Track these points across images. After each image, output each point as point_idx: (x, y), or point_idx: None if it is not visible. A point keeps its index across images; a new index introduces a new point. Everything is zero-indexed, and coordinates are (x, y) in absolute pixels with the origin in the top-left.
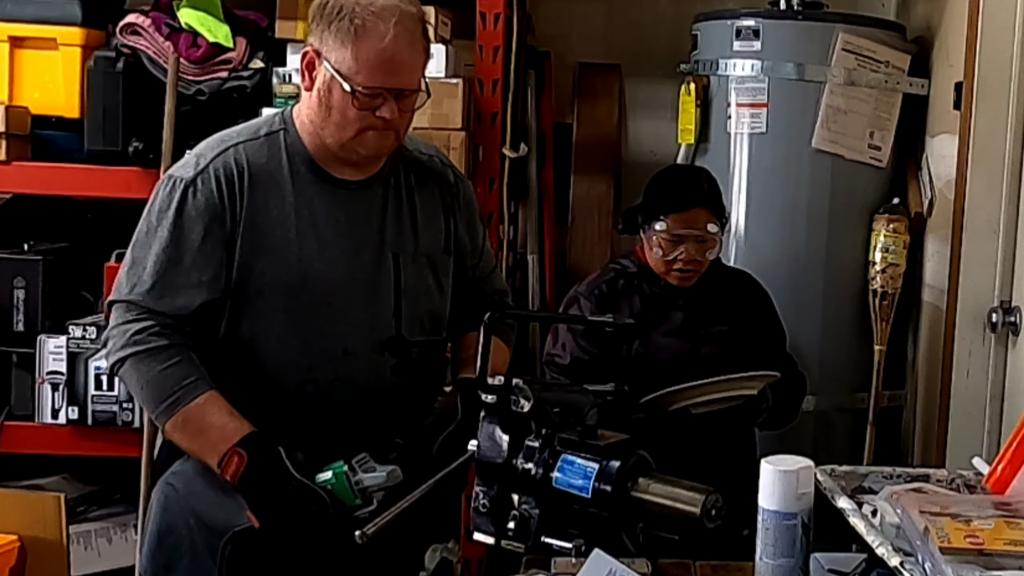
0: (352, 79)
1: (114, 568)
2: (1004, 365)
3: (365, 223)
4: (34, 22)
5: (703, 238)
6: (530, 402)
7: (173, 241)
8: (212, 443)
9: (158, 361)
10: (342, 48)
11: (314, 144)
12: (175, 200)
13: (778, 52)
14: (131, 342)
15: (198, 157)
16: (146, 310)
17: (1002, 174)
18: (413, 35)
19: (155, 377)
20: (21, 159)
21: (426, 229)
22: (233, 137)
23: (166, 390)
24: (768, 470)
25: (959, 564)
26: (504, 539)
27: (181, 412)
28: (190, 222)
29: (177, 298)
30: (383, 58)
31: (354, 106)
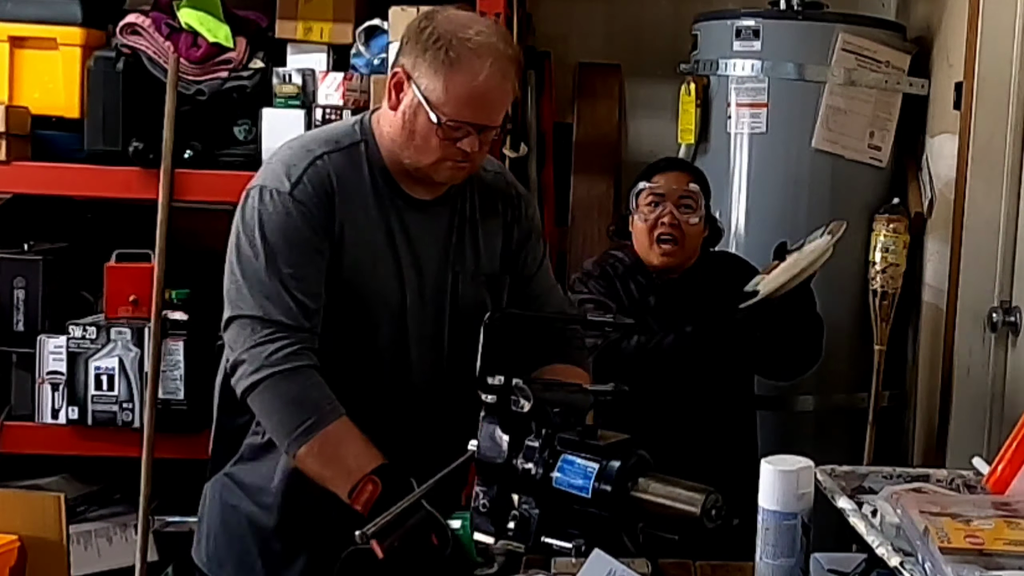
0: (439, 109)
1: (114, 568)
2: (1004, 365)
3: (431, 242)
4: (34, 22)
5: (685, 200)
6: (530, 402)
7: (291, 253)
8: (347, 470)
9: (295, 383)
10: (434, 77)
11: (391, 160)
12: (281, 212)
13: (778, 52)
14: (267, 363)
15: (288, 167)
16: (279, 325)
17: (1002, 174)
18: (506, 76)
19: (291, 401)
20: (21, 159)
21: (487, 249)
22: (319, 146)
23: (302, 415)
24: (768, 470)
25: (959, 564)
26: (504, 539)
27: (317, 437)
28: (301, 233)
29: (303, 311)
30: (473, 94)
31: (437, 135)
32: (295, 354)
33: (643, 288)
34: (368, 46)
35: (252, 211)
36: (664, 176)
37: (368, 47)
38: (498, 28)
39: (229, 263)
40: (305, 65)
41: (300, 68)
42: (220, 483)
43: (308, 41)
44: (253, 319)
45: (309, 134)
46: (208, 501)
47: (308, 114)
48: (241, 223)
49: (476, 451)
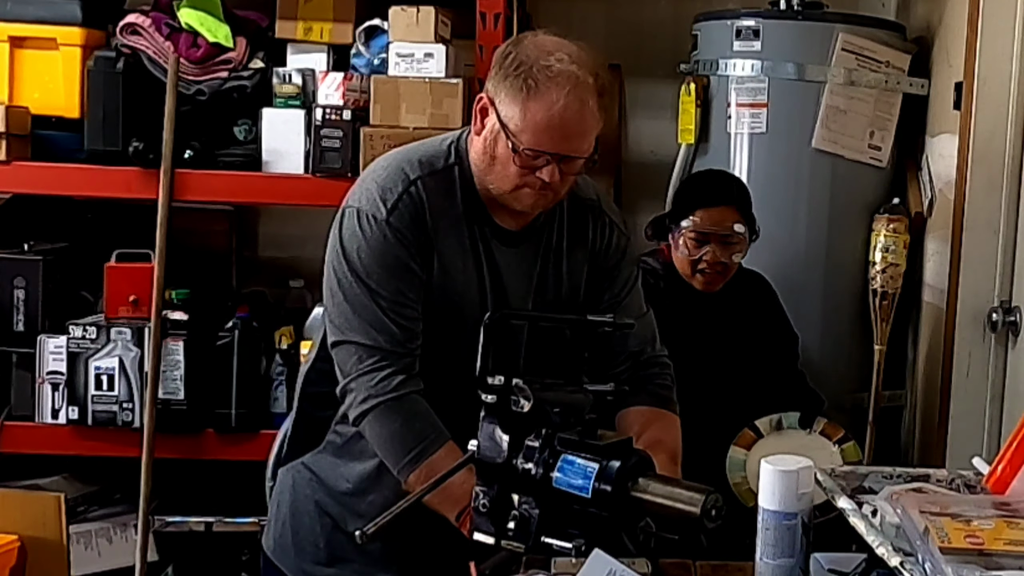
0: (517, 137)
1: (114, 568)
2: (1004, 365)
3: (517, 274)
4: (34, 22)
5: (730, 239)
6: (530, 402)
7: (393, 279)
8: (456, 497)
9: (402, 412)
10: (512, 104)
11: (480, 185)
12: (379, 238)
13: (778, 52)
14: (378, 391)
15: (383, 191)
16: (385, 352)
17: (1002, 174)
18: (585, 104)
19: (400, 428)
20: (21, 159)
21: (570, 280)
22: (414, 168)
23: (410, 443)
24: (768, 470)
25: (959, 564)
26: (504, 539)
27: (425, 465)
28: (400, 259)
29: (406, 336)
30: (551, 124)
31: (515, 163)
32: (402, 383)
33: (678, 300)
34: (368, 46)
35: (351, 235)
36: (709, 214)
37: (368, 47)
38: (583, 54)
39: (329, 286)
40: (305, 65)
41: (300, 68)
42: (295, 471)
43: (308, 41)
44: (359, 346)
45: (404, 152)
46: (281, 487)
47: (308, 114)
48: (340, 247)
49: (476, 451)
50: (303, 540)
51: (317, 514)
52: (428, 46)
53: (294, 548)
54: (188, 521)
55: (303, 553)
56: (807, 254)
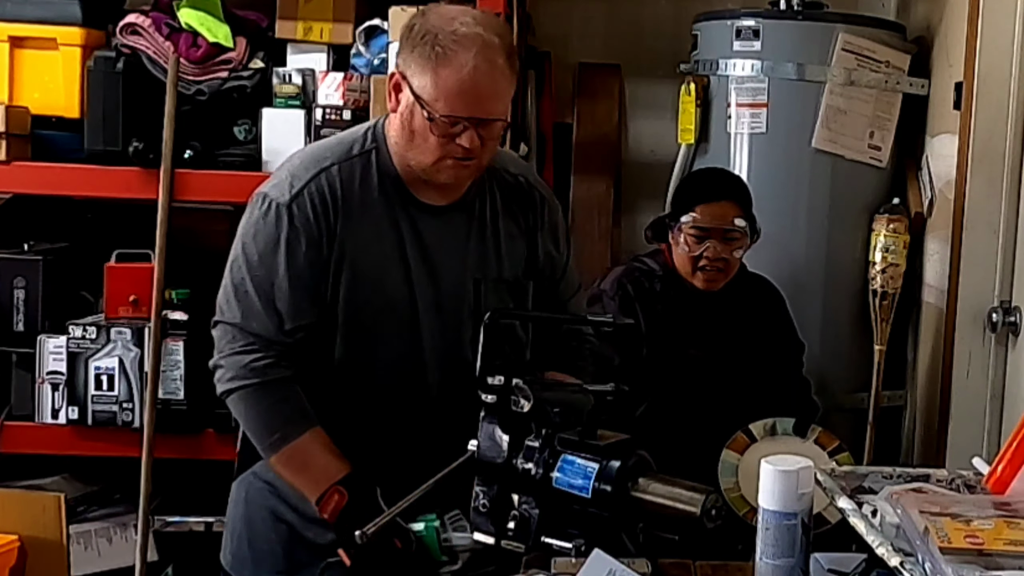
0: (432, 106)
1: (114, 568)
2: (1004, 365)
3: (449, 248)
4: (34, 22)
5: (730, 234)
6: (530, 402)
7: (275, 266)
8: (315, 480)
9: (269, 396)
10: (423, 74)
11: (401, 165)
12: (271, 224)
13: (778, 52)
14: (242, 375)
15: (292, 178)
16: (257, 337)
17: (1002, 174)
18: (495, 65)
19: (264, 412)
20: (21, 159)
21: (509, 255)
22: (327, 157)
23: (274, 426)
24: (768, 470)
25: (959, 564)
26: (504, 539)
27: (287, 449)
28: (289, 247)
29: (286, 325)
30: (463, 88)
31: (433, 133)
32: (269, 367)
33: (678, 302)
34: (368, 46)
35: (250, 219)
36: (709, 209)
37: (368, 47)
38: (487, 17)
39: (227, 265)
40: (305, 65)
41: (300, 68)
42: (247, 482)
43: (308, 41)
44: (232, 327)
45: (324, 142)
46: (234, 501)
47: (308, 114)
48: (241, 229)
49: (476, 451)
50: (261, 551)
51: (272, 522)
52: None
53: (252, 560)
54: (188, 521)
55: (262, 564)
56: (807, 254)
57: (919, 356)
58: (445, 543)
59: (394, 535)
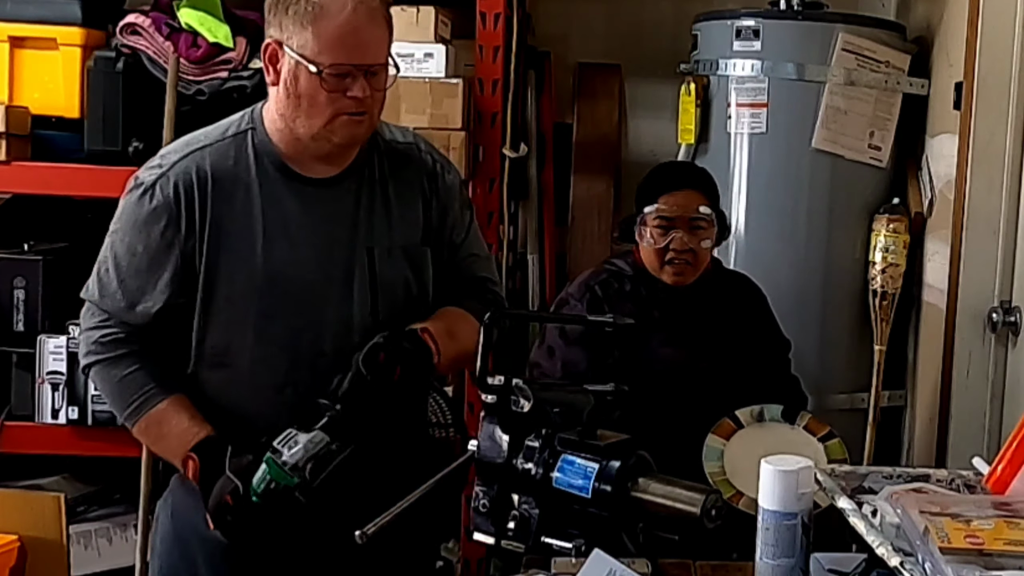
0: (316, 60)
1: (114, 568)
2: (1004, 365)
3: (337, 220)
4: (34, 22)
5: (697, 223)
6: (530, 402)
7: (132, 245)
8: (172, 449)
9: (119, 369)
10: (302, 31)
11: (284, 141)
12: (133, 204)
13: (778, 52)
14: (93, 350)
15: (161, 159)
16: (108, 315)
17: (1002, 174)
18: (372, 9)
19: (116, 385)
20: (21, 159)
21: (401, 221)
22: (200, 140)
23: (127, 398)
24: (768, 470)
25: (959, 564)
26: (504, 539)
27: (144, 419)
28: (147, 227)
29: (137, 304)
30: (344, 33)
31: (324, 88)
32: (119, 341)
33: (647, 301)
34: None
35: (122, 200)
36: (673, 198)
37: None
38: None
39: None
40: None
41: None
42: (167, 502)
43: None
44: (92, 304)
45: (200, 130)
46: (157, 524)
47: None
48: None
49: (476, 451)
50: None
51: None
52: (428, 46)
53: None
54: None
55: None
56: (807, 254)
57: (919, 356)
58: (285, 467)
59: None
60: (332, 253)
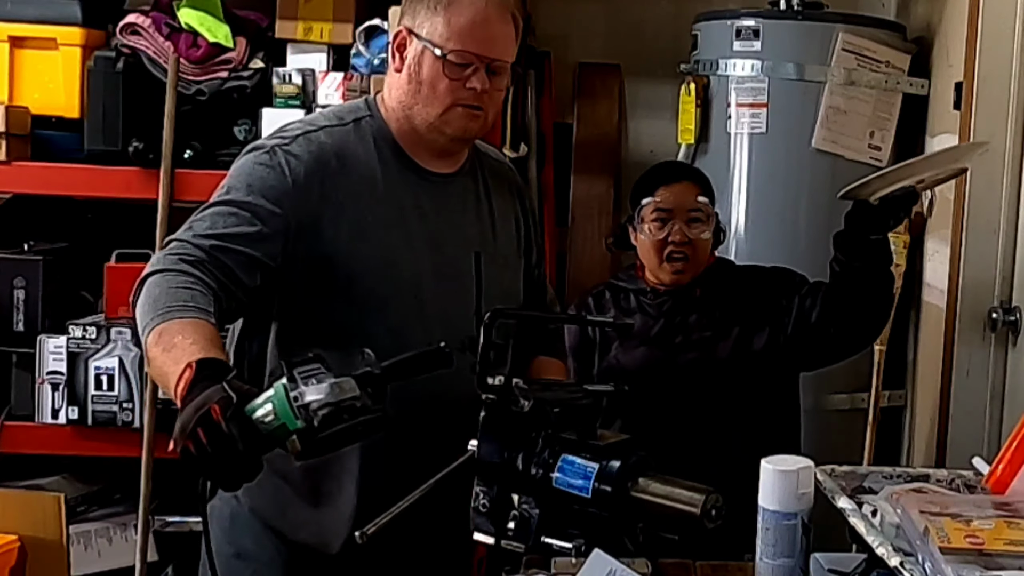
0: (444, 46)
1: (114, 568)
2: (1004, 365)
3: (449, 217)
4: (34, 22)
5: (695, 214)
6: (530, 402)
7: (241, 203)
8: (175, 358)
9: (169, 279)
10: (434, 16)
11: (401, 130)
12: (252, 164)
13: (778, 52)
14: (158, 260)
15: (284, 131)
16: (186, 242)
17: (1002, 174)
18: (505, 8)
19: (162, 291)
20: (21, 159)
21: (503, 231)
22: (319, 121)
23: (164, 302)
24: (768, 470)
25: (959, 564)
26: (504, 539)
27: (165, 324)
28: (263, 189)
29: (220, 241)
30: (474, 23)
31: (445, 75)
32: (183, 260)
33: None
34: (368, 46)
35: (238, 165)
36: (671, 190)
37: (368, 47)
38: None
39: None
40: (305, 65)
41: (300, 68)
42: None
43: (308, 41)
44: (183, 240)
45: (316, 112)
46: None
47: (308, 114)
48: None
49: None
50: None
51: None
52: None
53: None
54: (188, 521)
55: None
56: (807, 254)
57: (919, 356)
58: (296, 402)
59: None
60: (442, 249)
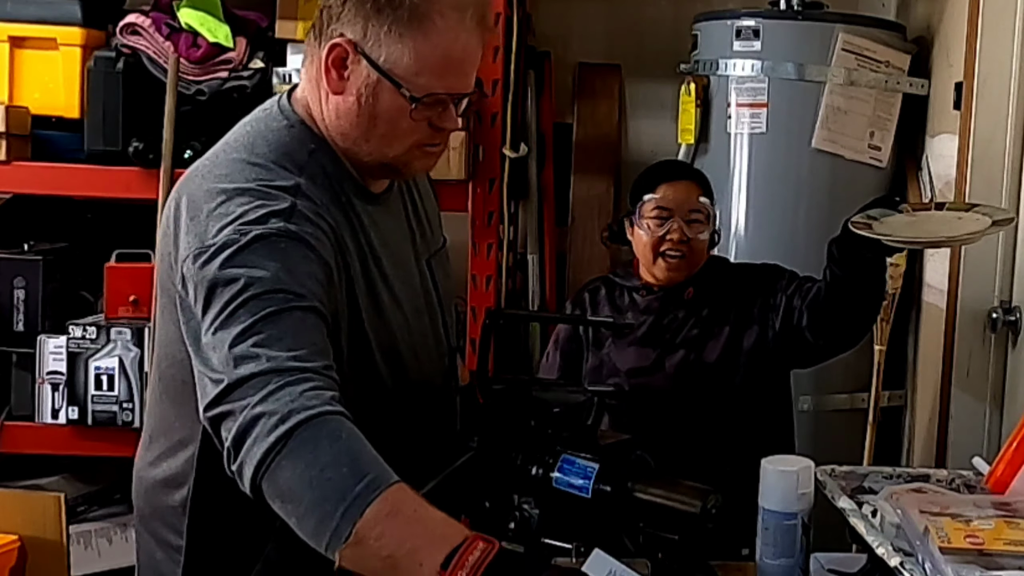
0: (410, 82)
1: (114, 568)
2: (1004, 365)
3: (401, 236)
4: (34, 22)
5: (695, 214)
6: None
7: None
8: (439, 534)
9: (345, 429)
10: (396, 42)
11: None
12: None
13: (778, 52)
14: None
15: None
16: (300, 370)
17: (1002, 174)
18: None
19: (344, 451)
20: (21, 159)
21: (430, 223)
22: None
23: (364, 468)
24: (768, 470)
25: (959, 564)
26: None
27: (389, 493)
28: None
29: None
30: (450, 56)
31: (411, 117)
32: (333, 399)
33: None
34: None
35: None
36: (672, 187)
37: None
38: None
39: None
40: None
41: (300, 68)
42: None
43: None
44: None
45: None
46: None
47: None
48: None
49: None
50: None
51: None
52: None
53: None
54: None
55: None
56: (807, 254)
57: (919, 356)
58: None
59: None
60: (407, 269)
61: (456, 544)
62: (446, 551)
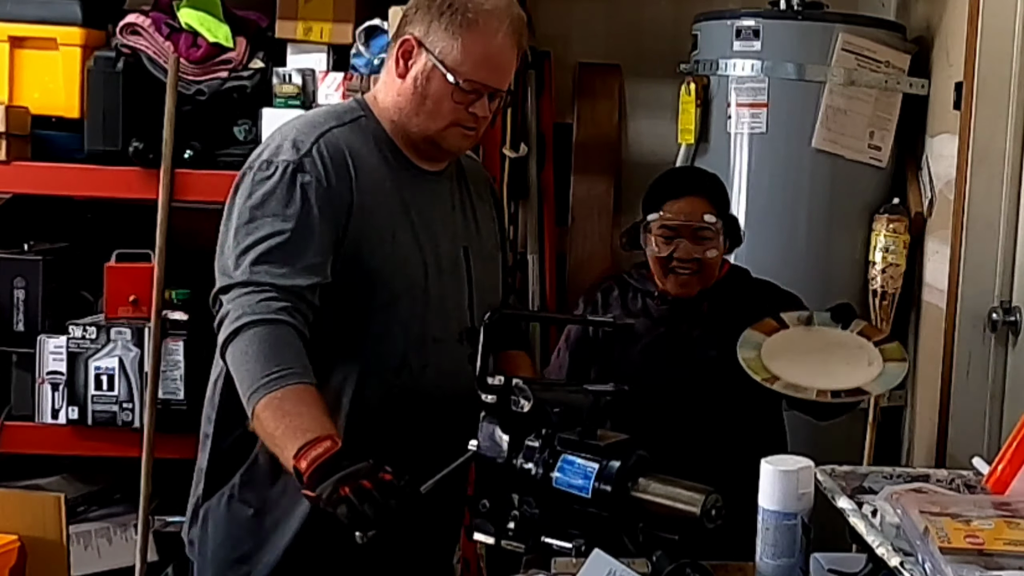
0: (456, 71)
1: (114, 568)
2: (1004, 365)
3: (442, 215)
4: (34, 22)
5: (702, 232)
6: (530, 402)
7: (287, 221)
8: (302, 428)
9: (276, 334)
10: (449, 38)
11: (394, 130)
12: (285, 181)
13: (778, 52)
14: (252, 310)
15: (295, 142)
16: (269, 286)
17: (1002, 174)
18: (517, 39)
19: (270, 349)
20: (21, 159)
21: (484, 227)
22: (322, 121)
23: (276, 364)
24: (768, 470)
25: (959, 564)
26: (504, 539)
27: (285, 390)
28: (304, 203)
29: (297, 278)
30: (489, 54)
31: (453, 99)
32: (284, 310)
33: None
34: (368, 46)
35: (254, 186)
36: (677, 205)
37: (368, 47)
38: None
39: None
40: (305, 65)
41: (300, 68)
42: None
43: (308, 41)
44: (244, 285)
45: (307, 114)
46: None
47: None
48: (242, 197)
49: (476, 451)
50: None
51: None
52: None
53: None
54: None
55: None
56: (807, 254)
57: (919, 356)
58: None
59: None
60: (440, 244)
61: (310, 440)
62: (300, 443)
